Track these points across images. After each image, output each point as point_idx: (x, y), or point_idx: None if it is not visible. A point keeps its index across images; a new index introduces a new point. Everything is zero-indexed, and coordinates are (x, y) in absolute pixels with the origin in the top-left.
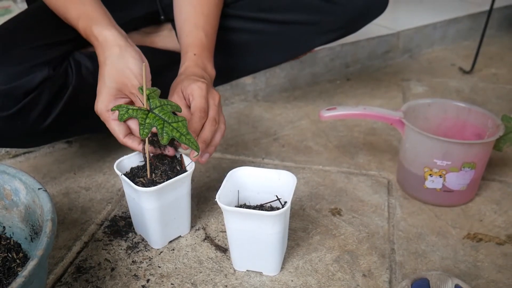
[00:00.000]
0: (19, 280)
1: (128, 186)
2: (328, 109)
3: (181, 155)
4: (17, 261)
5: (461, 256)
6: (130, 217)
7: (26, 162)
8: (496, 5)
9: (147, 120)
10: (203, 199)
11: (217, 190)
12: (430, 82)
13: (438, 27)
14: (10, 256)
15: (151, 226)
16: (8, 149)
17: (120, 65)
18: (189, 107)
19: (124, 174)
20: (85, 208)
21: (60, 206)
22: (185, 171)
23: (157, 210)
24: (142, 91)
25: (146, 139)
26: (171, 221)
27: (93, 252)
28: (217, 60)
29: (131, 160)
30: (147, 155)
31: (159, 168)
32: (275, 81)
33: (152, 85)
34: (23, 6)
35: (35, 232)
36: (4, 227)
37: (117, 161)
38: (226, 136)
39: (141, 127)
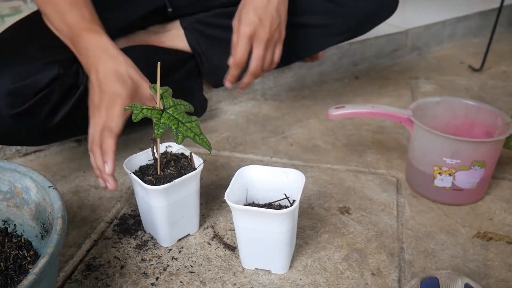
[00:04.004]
0: (30, 277)
1: (137, 184)
2: (336, 108)
3: (190, 153)
4: (28, 258)
5: (470, 255)
6: (139, 215)
7: (36, 161)
8: (506, 2)
9: (162, 120)
10: (211, 198)
11: (225, 188)
12: (438, 80)
13: (447, 25)
14: (21, 253)
15: (160, 224)
16: (18, 147)
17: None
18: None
19: (133, 173)
20: (94, 206)
21: (70, 204)
22: (194, 169)
23: (166, 208)
24: (155, 90)
25: (158, 139)
26: (180, 219)
27: (103, 250)
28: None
29: (140, 159)
30: (157, 154)
31: (168, 166)
32: (283, 80)
33: (160, 85)
34: (33, 6)
35: (45, 230)
36: (15, 224)
37: (126, 160)
38: (234, 134)
39: (156, 127)
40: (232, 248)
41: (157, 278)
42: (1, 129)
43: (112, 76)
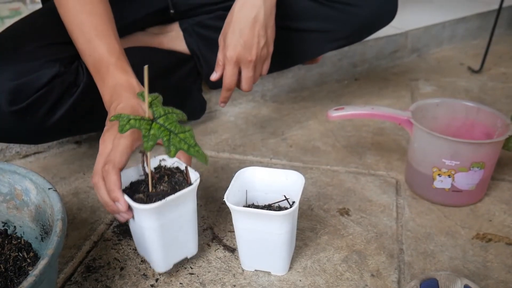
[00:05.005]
0: (30, 279)
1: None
2: (336, 109)
3: (186, 167)
4: (28, 260)
5: (470, 256)
6: None
7: (36, 162)
8: (505, 4)
9: (152, 131)
10: (211, 199)
11: (225, 190)
12: (438, 81)
13: (447, 26)
14: (21, 255)
15: (152, 247)
16: (18, 149)
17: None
18: None
19: (123, 190)
20: (94, 208)
21: (70, 206)
22: (190, 184)
23: (158, 230)
24: (143, 98)
25: (149, 153)
26: (175, 241)
27: (103, 251)
28: None
29: (130, 174)
30: (148, 169)
31: (161, 182)
32: (283, 81)
33: (159, 87)
34: (33, 7)
35: (45, 232)
36: (15, 226)
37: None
38: (234, 136)
39: (145, 139)
40: (232, 250)
41: (156, 280)
42: (1, 126)
43: (128, 109)
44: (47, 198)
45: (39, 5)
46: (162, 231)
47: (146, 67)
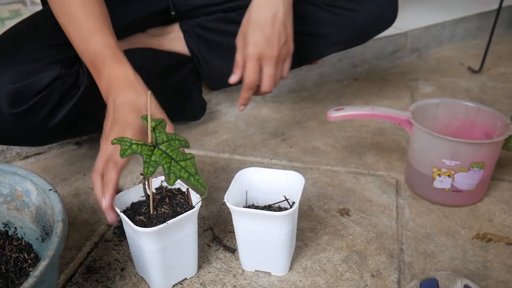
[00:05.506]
0: (30, 280)
1: (127, 225)
2: (336, 110)
3: (187, 189)
4: (29, 261)
5: (470, 256)
6: None
7: (36, 164)
8: (504, 4)
9: (153, 158)
10: (211, 200)
11: (225, 190)
12: (438, 81)
13: (447, 27)
14: (22, 256)
15: (152, 269)
16: (19, 150)
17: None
18: None
19: (124, 211)
20: (95, 209)
21: (70, 207)
22: (192, 207)
23: (159, 252)
24: (147, 122)
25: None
26: (175, 263)
27: (103, 252)
28: (227, 66)
29: (131, 195)
30: (149, 191)
31: (162, 204)
32: (283, 82)
33: (159, 88)
34: (33, 9)
35: (46, 233)
36: (15, 227)
37: (115, 196)
38: (234, 136)
39: (146, 165)
40: (232, 250)
41: None
42: (1, 128)
43: (128, 106)
44: (48, 199)
45: (39, 7)
46: (163, 254)
47: (150, 93)
